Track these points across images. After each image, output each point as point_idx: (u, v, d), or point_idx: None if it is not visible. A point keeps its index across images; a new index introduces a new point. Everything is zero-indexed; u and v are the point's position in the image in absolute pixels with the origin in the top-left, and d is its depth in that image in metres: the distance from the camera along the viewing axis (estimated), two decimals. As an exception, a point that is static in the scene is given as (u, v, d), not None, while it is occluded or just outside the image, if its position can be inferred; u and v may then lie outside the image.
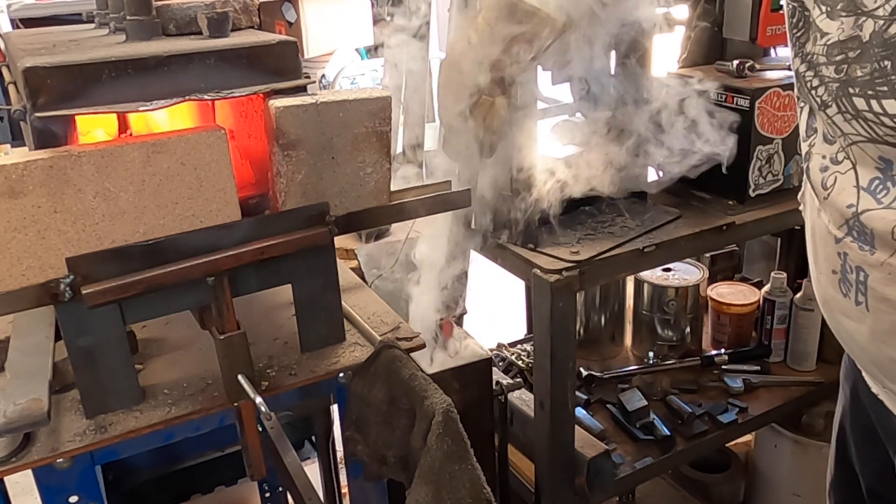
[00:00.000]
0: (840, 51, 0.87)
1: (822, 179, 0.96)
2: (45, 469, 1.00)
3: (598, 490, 1.52)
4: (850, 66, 0.87)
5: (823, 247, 0.99)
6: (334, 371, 1.16)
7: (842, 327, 1.02)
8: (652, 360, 1.93)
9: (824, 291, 1.03)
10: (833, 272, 0.98)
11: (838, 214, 0.94)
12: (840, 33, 0.87)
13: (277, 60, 1.11)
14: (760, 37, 1.64)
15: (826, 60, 0.90)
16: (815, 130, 0.99)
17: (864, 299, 0.94)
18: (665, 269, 1.95)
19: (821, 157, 0.97)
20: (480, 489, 1.02)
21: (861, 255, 0.92)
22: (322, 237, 1.11)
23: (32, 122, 0.98)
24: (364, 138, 1.13)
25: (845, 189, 0.93)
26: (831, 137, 0.95)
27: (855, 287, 0.95)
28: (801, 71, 0.96)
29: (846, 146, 0.92)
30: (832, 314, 1.03)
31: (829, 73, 0.90)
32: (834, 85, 0.89)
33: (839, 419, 1.25)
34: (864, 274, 0.92)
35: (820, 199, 0.98)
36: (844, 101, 0.88)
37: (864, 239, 0.91)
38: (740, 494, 2.20)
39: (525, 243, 1.43)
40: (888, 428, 1.07)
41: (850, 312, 0.97)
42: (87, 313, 0.98)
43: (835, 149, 0.94)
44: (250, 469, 1.13)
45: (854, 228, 0.92)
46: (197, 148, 1.02)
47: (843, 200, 0.93)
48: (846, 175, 0.93)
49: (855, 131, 0.89)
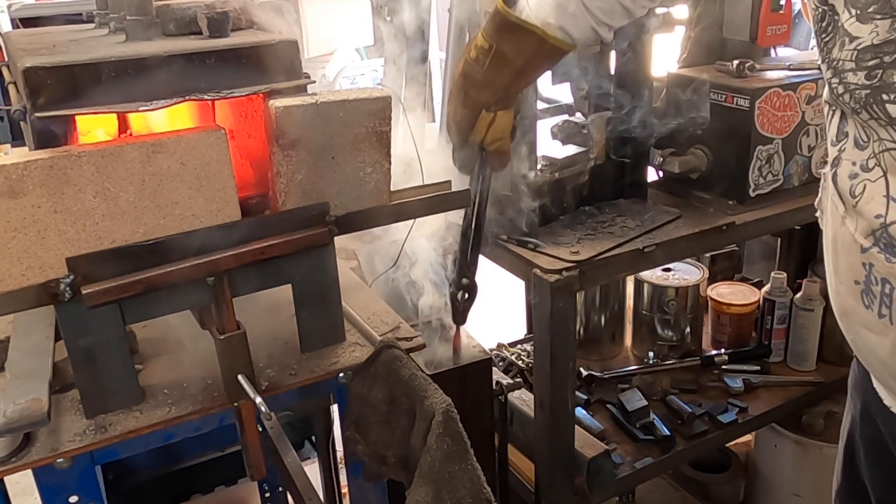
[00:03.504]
0: (874, 55, 0.84)
1: (851, 187, 0.93)
2: (45, 469, 1.00)
3: (598, 490, 1.52)
4: (885, 72, 0.83)
5: (846, 256, 0.96)
6: (334, 371, 1.16)
7: (861, 339, 0.99)
8: (652, 360, 1.93)
9: (843, 302, 0.99)
10: (855, 283, 0.95)
11: (866, 224, 0.91)
12: (874, 37, 0.84)
13: (277, 60, 1.11)
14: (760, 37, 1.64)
15: (855, 66, 0.87)
16: (847, 135, 0.95)
17: (888, 312, 0.91)
18: (665, 269, 1.95)
19: (850, 164, 0.94)
20: (480, 489, 1.02)
21: (888, 266, 0.89)
22: (322, 237, 1.11)
23: (32, 122, 0.98)
24: (364, 138, 1.13)
25: (874, 198, 0.90)
26: (863, 142, 0.91)
27: (879, 299, 0.91)
28: (827, 77, 0.93)
29: (879, 152, 0.89)
30: (851, 325, 1.00)
31: (858, 79, 0.86)
32: (863, 92, 0.86)
33: (847, 429, 1.22)
34: (891, 286, 0.89)
35: (847, 206, 0.94)
36: (876, 108, 0.85)
37: (891, 251, 0.88)
38: (740, 494, 2.20)
39: (525, 243, 1.43)
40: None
41: (872, 325, 0.94)
42: (87, 313, 0.98)
43: (866, 155, 0.91)
44: (250, 469, 1.13)
45: (881, 240, 0.89)
46: (197, 148, 1.02)
47: (872, 210, 0.90)
48: (876, 183, 0.90)
49: (890, 137, 0.86)
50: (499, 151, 1.28)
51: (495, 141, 1.26)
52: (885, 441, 1.09)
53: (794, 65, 1.62)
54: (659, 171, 1.71)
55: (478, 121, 1.24)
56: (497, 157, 1.28)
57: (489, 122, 1.23)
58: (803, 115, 1.57)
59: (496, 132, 1.25)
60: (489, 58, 1.17)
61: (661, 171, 1.69)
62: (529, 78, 1.25)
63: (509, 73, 1.18)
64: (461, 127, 1.26)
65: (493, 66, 1.18)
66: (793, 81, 1.54)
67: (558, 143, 1.56)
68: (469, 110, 1.23)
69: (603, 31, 1.19)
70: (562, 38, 1.16)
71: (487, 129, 1.24)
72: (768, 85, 1.51)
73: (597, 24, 1.17)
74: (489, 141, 1.26)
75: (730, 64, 1.58)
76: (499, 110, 1.23)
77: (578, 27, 1.16)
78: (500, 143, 1.27)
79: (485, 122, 1.24)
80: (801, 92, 1.55)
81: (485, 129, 1.24)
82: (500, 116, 1.23)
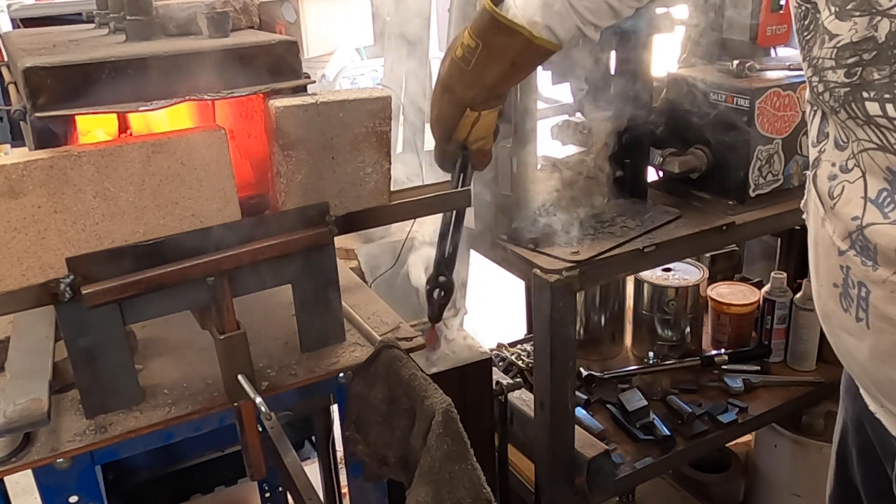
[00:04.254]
0: (853, 53, 0.83)
1: (830, 188, 0.92)
2: (45, 469, 1.00)
3: (598, 490, 1.52)
4: (864, 69, 0.82)
5: (826, 258, 0.95)
6: (334, 371, 1.16)
7: (841, 343, 0.98)
8: (652, 360, 1.93)
9: (824, 304, 0.99)
10: (834, 285, 0.94)
11: (843, 226, 0.90)
12: (853, 34, 0.83)
13: (277, 60, 1.11)
14: (760, 37, 1.65)
15: (834, 64, 0.86)
16: (827, 136, 0.94)
17: (864, 316, 0.90)
18: (665, 269, 1.95)
19: (830, 165, 0.93)
20: (480, 489, 1.02)
21: (863, 270, 0.88)
22: (322, 237, 1.11)
23: (32, 122, 0.98)
24: (364, 138, 1.13)
25: (852, 200, 0.89)
26: (843, 143, 0.91)
27: (856, 303, 0.91)
28: (808, 76, 0.92)
29: (858, 152, 0.88)
30: (832, 328, 0.99)
31: (837, 77, 0.86)
32: (842, 90, 0.85)
33: (840, 432, 1.21)
34: (866, 290, 0.88)
35: (826, 208, 0.94)
36: (855, 106, 0.84)
37: (867, 254, 0.87)
38: (740, 494, 2.20)
39: (525, 243, 1.43)
40: (886, 447, 1.04)
41: (851, 329, 0.93)
42: (87, 313, 0.98)
43: (845, 155, 0.90)
44: (250, 469, 1.13)
45: (857, 242, 0.88)
46: (197, 148, 1.02)
47: (849, 212, 0.89)
48: (855, 184, 0.89)
49: (867, 137, 0.85)
50: (481, 151, 1.27)
51: (478, 140, 1.26)
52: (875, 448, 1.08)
53: (794, 65, 1.61)
54: (659, 171, 1.71)
55: (462, 119, 1.24)
56: (479, 156, 1.28)
57: (473, 120, 1.23)
58: (803, 115, 1.56)
59: (479, 131, 1.25)
60: (475, 56, 1.17)
61: (661, 171, 1.69)
62: (516, 78, 1.24)
63: (495, 72, 1.18)
64: (445, 125, 1.25)
65: (479, 65, 1.17)
66: (793, 81, 1.54)
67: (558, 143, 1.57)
68: (454, 108, 1.23)
69: (589, 31, 1.19)
70: (548, 38, 1.15)
71: (471, 128, 1.24)
72: (768, 85, 1.51)
73: (583, 24, 1.17)
74: (472, 140, 1.25)
75: (730, 64, 1.58)
76: (483, 110, 1.23)
77: (564, 26, 1.16)
78: (483, 142, 1.26)
79: (469, 121, 1.23)
80: (801, 92, 1.55)
81: (468, 127, 1.24)
82: (484, 116, 1.23)
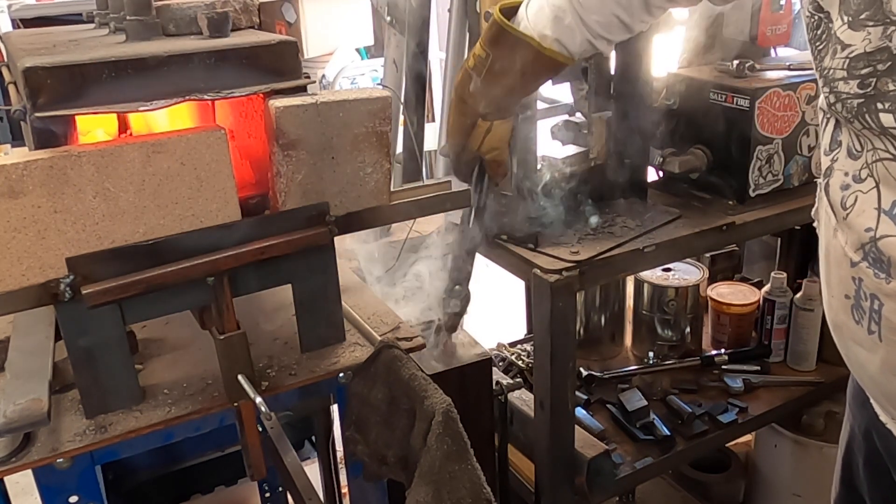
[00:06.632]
0: (866, 63, 0.82)
1: (843, 198, 0.91)
2: (45, 469, 1.00)
3: (598, 490, 1.51)
4: (879, 80, 0.81)
5: (838, 269, 0.94)
6: (334, 371, 1.16)
7: (852, 354, 0.97)
8: (652, 360, 1.93)
9: (835, 316, 0.97)
10: (846, 297, 0.93)
11: (855, 237, 0.89)
12: (866, 45, 0.81)
13: (277, 60, 1.11)
14: (760, 37, 1.65)
15: (846, 75, 0.84)
16: (840, 144, 0.93)
17: (877, 329, 0.89)
18: (665, 269, 1.95)
19: (843, 174, 0.91)
20: (480, 489, 1.02)
21: (876, 282, 0.86)
22: (322, 237, 1.11)
23: (32, 122, 0.98)
24: (364, 138, 1.13)
25: (865, 210, 0.87)
26: (856, 152, 0.89)
27: (868, 315, 0.89)
28: (820, 86, 0.91)
29: (872, 162, 0.86)
30: (843, 340, 0.98)
31: (849, 88, 0.84)
32: (855, 101, 0.84)
33: (846, 439, 1.21)
34: (879, 303, 0.87)
35: (838, 218, 0.92)
36: (869, 117, 0.83)
37: (880, 266, 0.86)
38: (740, 494, 2.20)
39: (525, 243, 1.43)
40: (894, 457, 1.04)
41: (862, 341, 0.92)
42: (87, 313, 0.98)
43: (859, 165, 0.89)
44: (250, 469, 1.13)
45: (870, 254, 0.87)
46: (197, 148, 1.02)
47: (862, 223, 0.87)
48: (868, 195, 0.87)
49: (884, 147, 0.84)
50: (496, 161, 1.27)
51: (492, 150, 1.25)
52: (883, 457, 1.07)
53: (794, 65, 1.62)
54: (659, 171, 1.71)
55: (475, 129, 1.24)
56: (494, 166, 1.28)
57: (486, 130, 1.23)
58: (803, 115, 1.57)
59: (492, 141, 1.25)
60: (486, 67, 1.17)
61: (661, 171, 1.69)
62: (526, 89, 1.24)
63: (506, 83, 1.18)
64: (458, 135, 1.25)
65: (490, 76, 1.17)
66: (793, 81, 1.54)
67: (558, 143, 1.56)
68: (466, 119, 1.23)
69: (601, 45, 1.18)
70: (558, 51, 1.15)
71: (484, 138, 1.24)
72: (768, 85, 1.51)
73: (593, 38, 1.16)
74: (486, 150, 1.25)
75: (730, 64, 1.58)
76: (496, 120, 1.22)
77: (574, 40, 1.16)
78: (497, 152, 1.26)
79: (481, 131, 1.23)
80: (801, 92, 1.55)
81: (481, 137, 1.24)
82: (496, 126, 1.23)
